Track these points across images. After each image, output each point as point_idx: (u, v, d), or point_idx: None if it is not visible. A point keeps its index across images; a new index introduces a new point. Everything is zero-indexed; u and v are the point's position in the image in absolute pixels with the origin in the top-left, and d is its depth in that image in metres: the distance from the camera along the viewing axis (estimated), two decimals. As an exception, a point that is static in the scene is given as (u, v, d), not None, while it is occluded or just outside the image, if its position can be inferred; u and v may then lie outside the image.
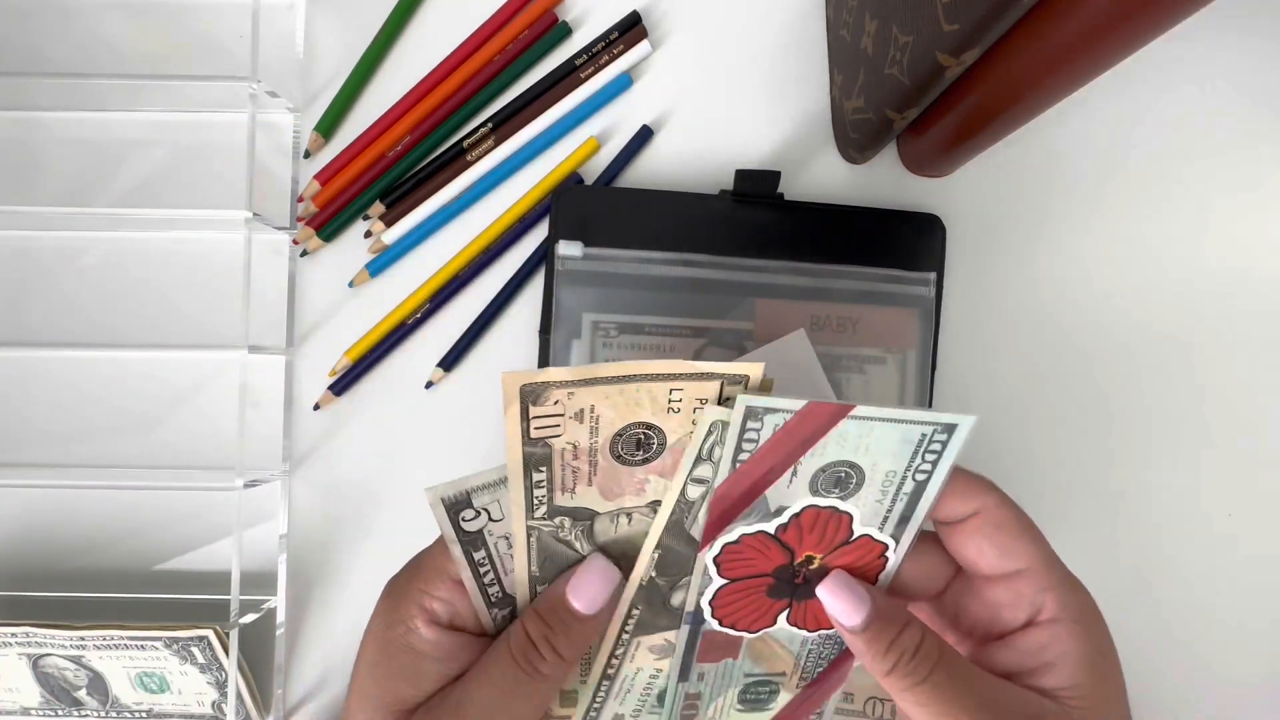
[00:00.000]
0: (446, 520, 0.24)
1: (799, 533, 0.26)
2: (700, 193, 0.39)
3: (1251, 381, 0.40)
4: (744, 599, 0.27)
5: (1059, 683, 0.25)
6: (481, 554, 0.25)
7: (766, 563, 0.26)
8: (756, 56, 0.41)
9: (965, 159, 0.37)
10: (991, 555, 0.26)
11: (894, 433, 0.24)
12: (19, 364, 0.41)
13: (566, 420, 0.23)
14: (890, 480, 0.25)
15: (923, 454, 0.24)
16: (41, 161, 0.41)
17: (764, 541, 0.26)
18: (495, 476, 0.24)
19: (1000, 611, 0.26)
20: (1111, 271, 0.40)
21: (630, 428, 0.24)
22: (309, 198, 0.40)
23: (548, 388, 0.22)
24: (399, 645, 0.25)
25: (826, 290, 0.38)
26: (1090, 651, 0.25)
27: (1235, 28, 0.40)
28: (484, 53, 0.40)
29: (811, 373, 0.37)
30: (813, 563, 0.26)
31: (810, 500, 0.25)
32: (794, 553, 0.26)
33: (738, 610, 0.27)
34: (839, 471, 0.24)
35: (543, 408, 0.22)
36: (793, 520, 0.25)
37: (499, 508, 0.24)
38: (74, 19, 0.41)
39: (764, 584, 0.26)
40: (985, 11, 0.25)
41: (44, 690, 0.38)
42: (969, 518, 0.26)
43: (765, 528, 0.25)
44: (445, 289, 0.40)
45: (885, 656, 0.25)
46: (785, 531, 0.25)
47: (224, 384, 0.40)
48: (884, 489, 0.25)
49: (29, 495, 0.40)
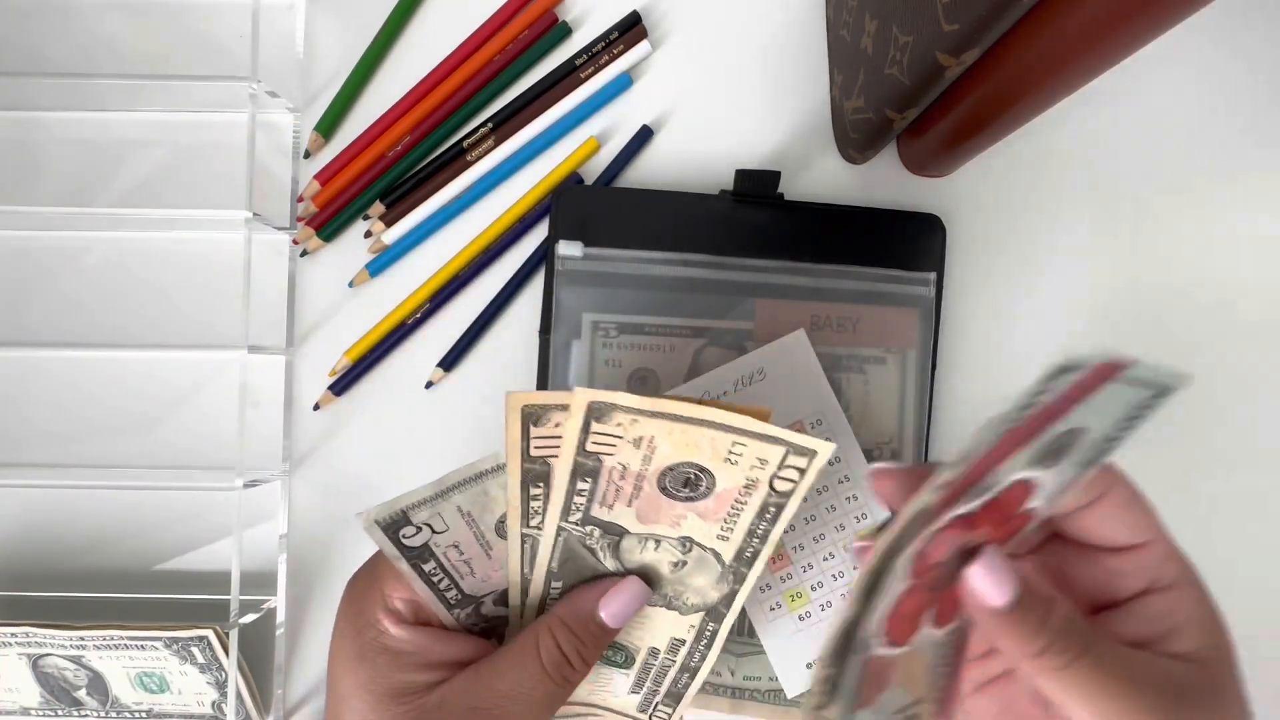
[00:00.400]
0: (386, 540, 0.24)
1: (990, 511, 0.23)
2: (700, 193, 0.39)
3: (1253, 381, 0.40)
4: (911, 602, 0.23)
5: (1190, 646, 0.24)
6: (431, 565, 0.25)
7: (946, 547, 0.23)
8: (756, 56, 0.41)
9: (965, 159, 0.37)
10: (1120, 532, 0.25)
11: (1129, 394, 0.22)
12: (19, 364, 0.41)
13: (624, 443, 0.23)
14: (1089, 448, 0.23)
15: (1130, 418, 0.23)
16: (42, 161, 0.41)
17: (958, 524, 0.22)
18: (430, 492, 0.24)
19: (1118, 579, 0.26)
20: (1111, 271, 0.40)
21: (683, 466, 0.24)
22: (309, 198, 0.40)
23: (614, 409, 0.22)
24: (373, 647, 0.26)
25: (826, 290, 0.38)
26: (1208, 614, 0.25)
27: (1236, 28, 0.40)
28: (484, 53, 0.40)
29: (811, 373, 0.37)
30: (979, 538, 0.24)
31: (1024, 474, 0.23)
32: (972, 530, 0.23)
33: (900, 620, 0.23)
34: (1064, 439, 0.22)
35: (605, 425, 0.22)
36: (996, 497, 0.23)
37: (441, 520, 0.24)
38: (74, 19, 0.41)
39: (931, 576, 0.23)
40: (985, 11, 0.25)
41: (44, 690, 0.38)
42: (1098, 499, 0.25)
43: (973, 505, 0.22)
44: (445, 289, 0.40)
45: (1036, 636, 0.23)
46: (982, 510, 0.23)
47: (224, 384, 0.40)
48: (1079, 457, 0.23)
49: (29, 495, 0.40)
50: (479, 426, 0.40)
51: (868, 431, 0.38)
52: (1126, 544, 0.26)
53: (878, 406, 0.38)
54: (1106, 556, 0.26)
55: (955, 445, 0.40)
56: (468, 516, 0.24)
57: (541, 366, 0.39)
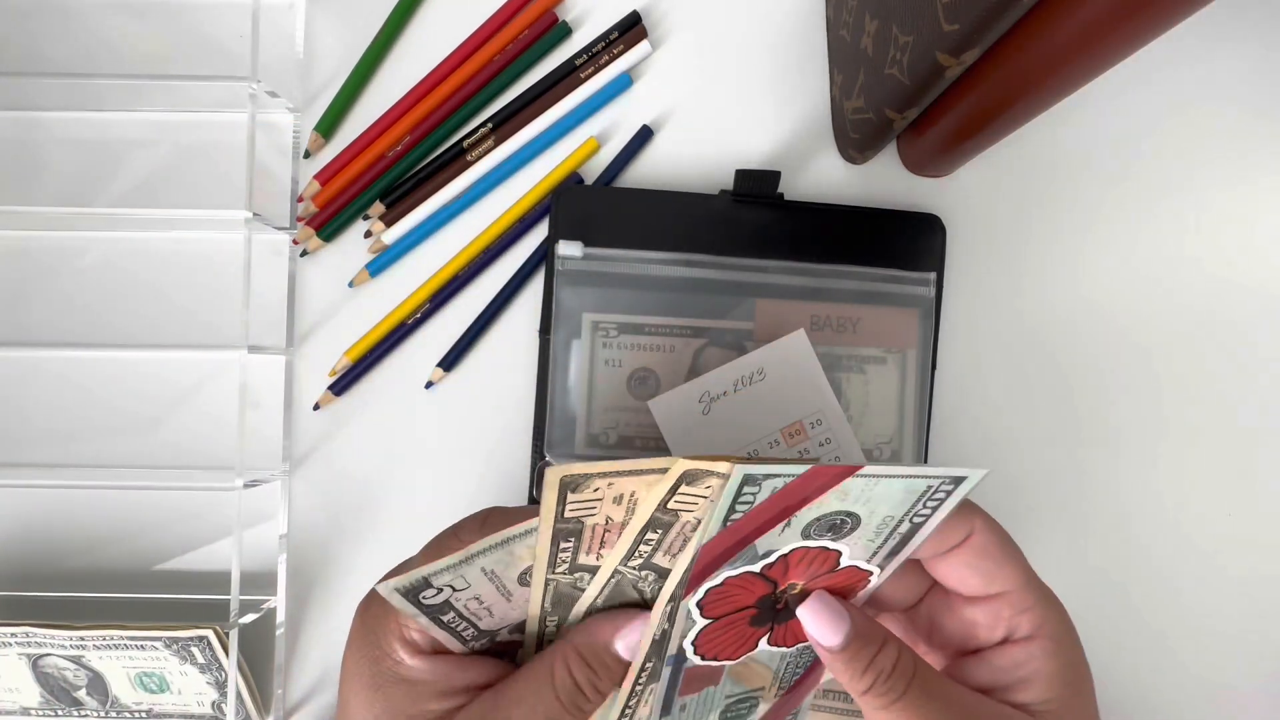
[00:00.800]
0: (406, 604, 0.24)
1: (785, 568, 0.25)
2: (700, 193, 0.39)
3: (1253, 381, 0.40)
4: (726, 632, 0.27)
5: (1034, 698, 0.25)
6: (450, 615, 0.25)
7: (749, 596, 0.26)
8: (756, 56, 0.41)
9: (965, 159, 0.37)
10: (975, 582, 0.26)
11: (899, 485, 0.23)
12: (19, 364, 0.41)
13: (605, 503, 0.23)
14: (887, 524, 0.25)
15: (925, 502, 0.24)
16: (42, 161, 0.41)
17: (748, 579, 0.25)
18: (456, 560, 0.23)
19: (977, 629, 0.27)
20: (1112, 271, 0.40)
21: None
22: (309, 198, 0.40)
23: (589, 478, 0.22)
24: (389, 678, 0.25)
25: (826, 290, 0.38)
26: (1064, 667, 0.26)
27: (1236, 28, 0.40)
28: (484, 53, 0.40)
29: (811, 373, 0.37)
30: (796, 589, 0.26)
31: (800, 544, 0.25)
32: (777, 584, 0.26)
33: (720, 643, 0.27)
34: (835, 519, 0.24)
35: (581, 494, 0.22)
36: (780, 559, 0.25)
37: (463, 580, 0.24)
38: (74, 19, 0.41)
39: (747, 615, 0.26)
40: (985, 11, 0.25)
41: (44, 690, 0.38)
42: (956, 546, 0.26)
43: (751, 569, 0.25)
44: (445, 289, 0.40)
45: (862, 676, 0.25)
46: (771, 569, 0.25)
47: (224, 384, 0.40)
48: (879, 530, 0.25)
49: (29, 495, 0.40)
50: (479, 426, 0.40)
51: (868, 431, 0.38)
52: (981, 594, 0.27)
53: (878, 406, 0.38)
54: (966, 605, 0.27)
55: (955, 446, 0.40)
56: (491, 574, 0.24)
57: (541, 366, 0.39)
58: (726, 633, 0.27)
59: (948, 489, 0.24)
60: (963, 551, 0.26)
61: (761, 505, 0.23)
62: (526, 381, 0.40)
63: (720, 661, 0.27)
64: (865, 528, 0.25)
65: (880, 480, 0.23)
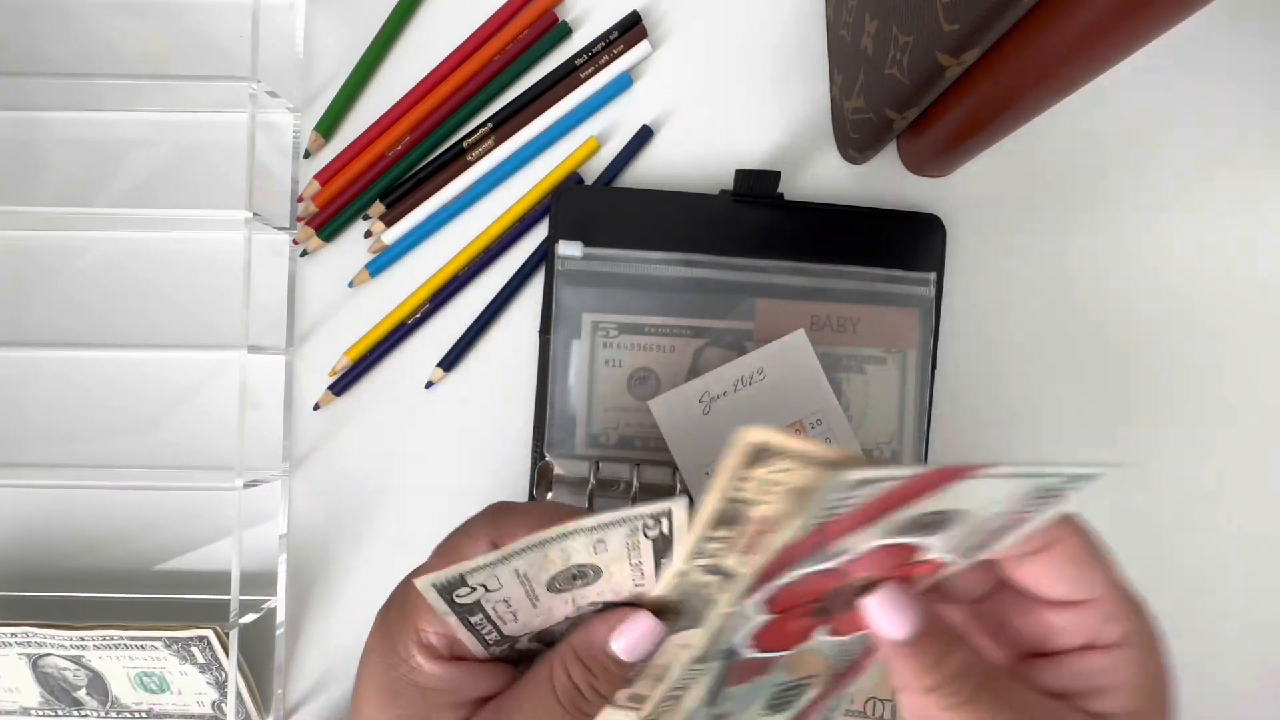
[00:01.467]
0: (440, 600, 0.23)
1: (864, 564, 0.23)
2: (700, 193, 0.39)
3: (1253, 380, 0.40)
4: (786, 625, 0.25)
5: (1115, 708, 0.24)
6: (479, 617, 0.25)
7: (816, 592, 0.24)
8: (756, 56, 0.41)
9: (965, 159, 0.37)
10: (1061, 588, 0.25)
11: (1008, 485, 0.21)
12: (19, 364, 0.41)
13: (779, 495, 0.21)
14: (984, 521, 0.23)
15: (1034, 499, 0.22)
16: (42, 161, 0.41)
17: (818, 578, 0.23)
18: (494, 559, 0.23)
19: (1056, 634, 0.25)
20: (1112, 270, 0.40)
21: None
22: (309, 198, 0.40)
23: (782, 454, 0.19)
24: (405, 684, 0.25)
25: (826, 290, 0.38)
26: (1149, 680, 0.25)
27: (1235, 27, 0.40)
28: (484, 53, 0.40)
29: (811, 373, 0.37)
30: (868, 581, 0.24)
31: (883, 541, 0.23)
32: (848, 575, 0.24)
33: (778, 636, 0.25)
34: (928, 519, 0.22)
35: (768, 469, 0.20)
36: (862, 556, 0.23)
37: (496, 580, 0.24)
38: (74, 19, 0.41)
39: (811, 609, 0.25)
40: (985, 11, 0.25)
41: (44, 690, 0.38)
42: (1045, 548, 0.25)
43: (825, 566, 0.23)
44: (445, 289, 0.40)
45: (929, 673, 0.24)
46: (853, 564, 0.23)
47: (224, 384, 0.40)
48: (974, 528, 0.23)
49: (29, 495, 0.40)
50: (479, 426, 0.40)
51: (868, 431, 0.38)
52: (1065, 599, 0.25)
53: (878, 406, 0.38)
54: (1045, 609, 0.26)
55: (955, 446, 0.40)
56: (523, 577, 0.24)
57: (541, 366, 0.39)
58: (786, 625, 0.25)
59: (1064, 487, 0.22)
60: (1050, 556, 0.25)
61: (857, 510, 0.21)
62: (526, 381, 0.40)
63: (775, 654, 0.26)
64: (960, 525, 0.23)
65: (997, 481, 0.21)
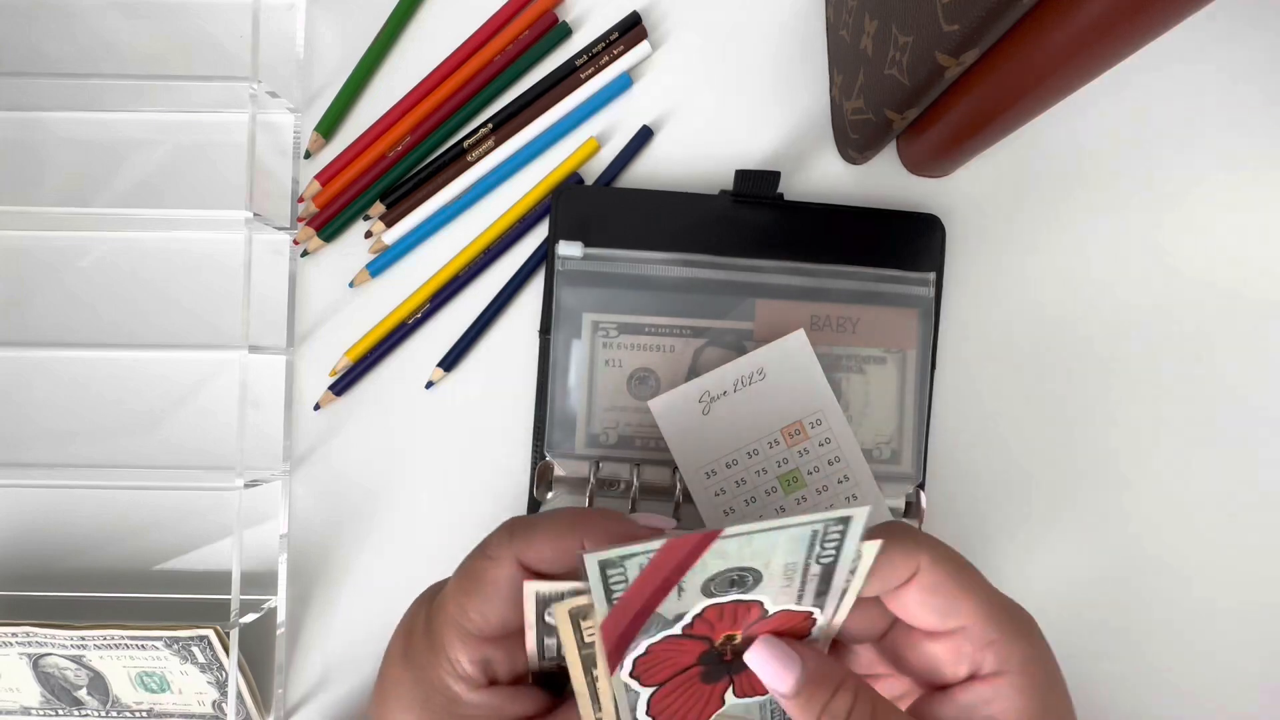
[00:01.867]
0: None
1: (709, 624, 0.24)
2: (700, 193, 0.39)
3: (1252, 380, 0.40)
4: (681, 694, 0.25)
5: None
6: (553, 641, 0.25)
7: (687, 656, 0.25)
8: (756, 56, 0.41)
9: (965, 159, 0.37)
10: (929, 618, 0.25)
11: (778, 537, 0.22)
12: (19, 363, 0.41)
13: None
14: (793, 569, 0.23)
15: (820, 545, 0.23)
16: (42, 161, 0.41)
17: (674, 643, 0.24)
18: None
19: (940, 665, 0.26)
20: (1111, 271, 0.40)
21: None
22: (309, 198, 0.40)
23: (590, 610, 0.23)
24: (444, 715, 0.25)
25: (826, 290, 0.38)
26: (1033, 706, 0.25)
27: (1235, 27, 0.40)
28: (484, 53, 0.40)
29: (811, 372, 0.37)
30: (735, 639, 0.25)
31: (708, 602, 0.24)
32: (712, 640, 0.25)
33: (679, 707, 0.26)
34: (730, 575, 0.23)
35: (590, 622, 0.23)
36: (696, 619, 0.24)
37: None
38: (74, 19, 0.41)
39: (695, 673, 0.25)
40: (985, 12, 0.25)
41: (44, 690, 0.38)
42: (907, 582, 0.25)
43: (672, 632, 0.24)
44: (445, 289, 0.40)
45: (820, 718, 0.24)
46: (693, 628, 0.24)
47: (224, 384, 0.40)
48: (788, 577, 0.24)
49: (29, 495, 0.40)
50: (479, 426, 0.40)
51: (867, 431, 0.38)
52: (938, 629, 0.25)
53: (877, 406, 0.38)
54: (925, 640, 0.26)
55: (954, 446, 0.40)
56: None
57: (541, 366, 0.39)
58: (682, 695, 0.26)
59: (838, 530, 0.22)
60: (911, 589, 0.25)
61: (638, 581, 0.22)
62: (526, 381, 0.40)
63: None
64: (771, 578, 0.23)
65: (754, 536, 0.22)
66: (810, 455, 0.36)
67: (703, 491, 0.36)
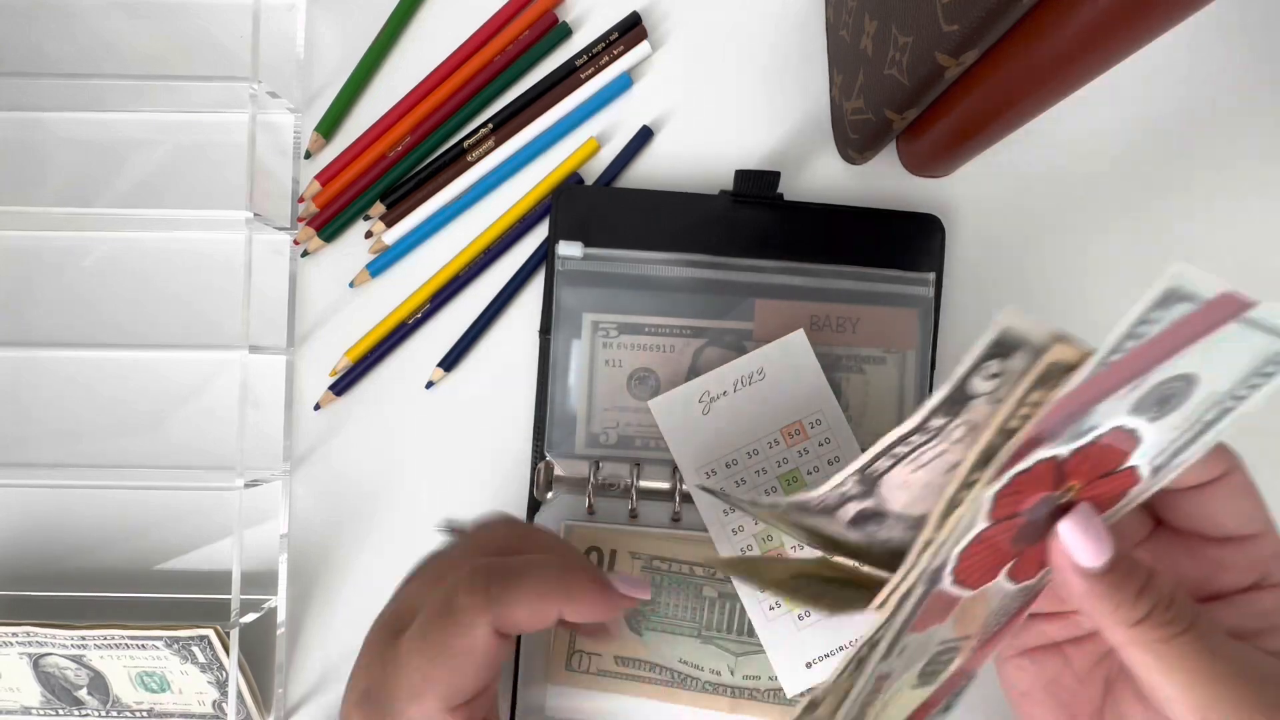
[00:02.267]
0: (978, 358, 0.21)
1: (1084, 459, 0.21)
2: (700, 193, 0.39)
3: (1251, 381, 0.40)
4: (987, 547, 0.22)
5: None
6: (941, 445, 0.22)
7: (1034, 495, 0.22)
8: (756, 57, 0.41)
9: (965, 159, 0.37)
10: (1231, 522, 0.24)
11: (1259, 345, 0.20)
12: (20, 363, 0.41)
13: None
14: (1204, 404, 0.21)
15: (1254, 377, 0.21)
16: (43, 162, 0.41)
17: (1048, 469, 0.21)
18: None
19: (1224, 573, 0.25)
20: (1112, 270, 0.40)
21: None
22: (309, 198, 0.40)
23: None
24: None
25: (826, 290, 0.38)
26: None
27: (1237, 26, 0.40)
28: (484, 53, 0.40)
29: (811, 373, 0.37)
30: (1070, 493, 0.22)
31: (1123, 420, 0.21)
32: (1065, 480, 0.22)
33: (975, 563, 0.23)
34: (1171, 388, 0.20)
35: None
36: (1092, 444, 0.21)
37: None
38: (74, 19, 0.41)
39: (1015, 526, 0.22)
40: (985, 12, 0.25)
41: (45, 690, 0.38)
42: (1215, 480, 0.24)
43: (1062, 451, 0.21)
44: (445, 289, 0.40)
45: (1136, 603, 0.21)
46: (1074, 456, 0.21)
47: (225, 384, 0.40)
48: (1192, 414, 0.22)
49: (30, 495, 0.40)
50: (479, 426, 0.40)
51: (867, 432, 0.38)
52: (1237, 534, 0.24)
53: (877, 406, 0.38)
54: (1213, 547, 0.25)
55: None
56: None
57: (541, 366, 0.39)
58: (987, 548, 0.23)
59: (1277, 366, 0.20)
60: (1221, 487, 0.24)
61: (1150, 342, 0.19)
62: (526, 381, 0.40)
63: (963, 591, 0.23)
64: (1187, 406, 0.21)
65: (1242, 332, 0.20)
66: (810, 455, 0.36)
67: (703, 491, 0.36)
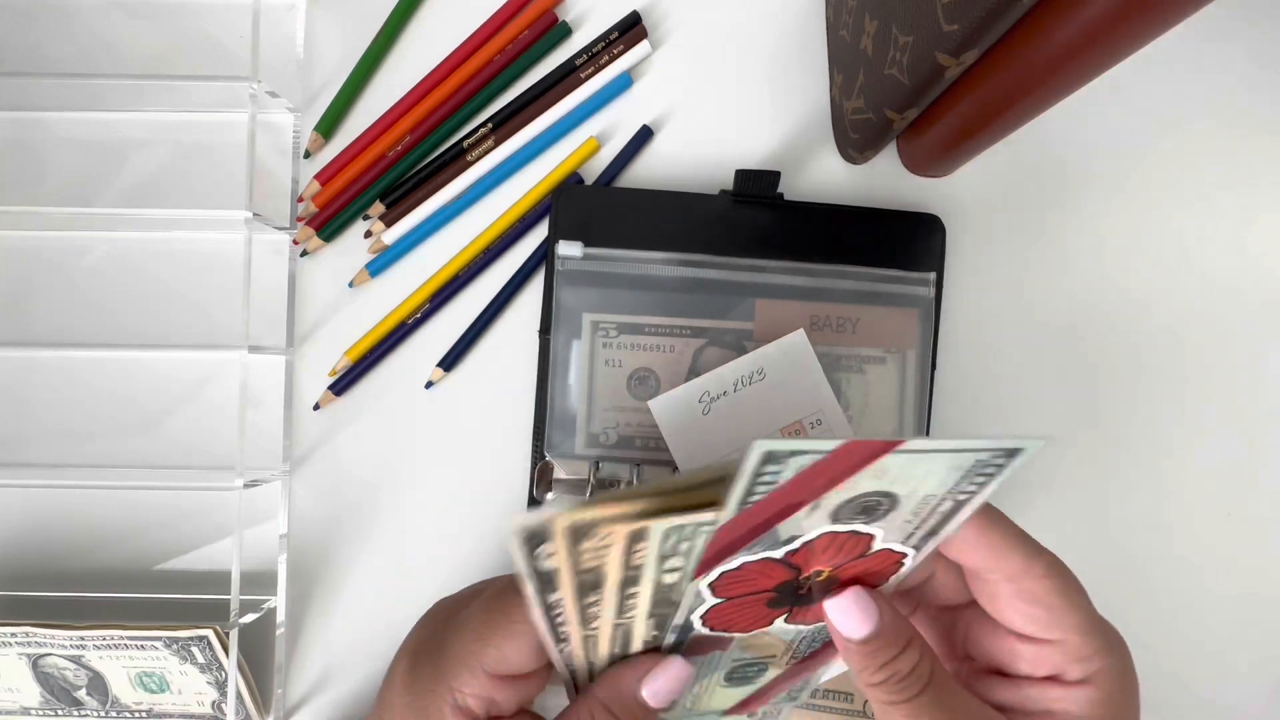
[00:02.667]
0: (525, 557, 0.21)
1: (810, 554, 0.23)
2: (700, 193, 0.39)
3: (1252, 380, 0.40)
4: (740, 611, 0.25)
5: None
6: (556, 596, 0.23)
7: (768, 581, 0.24)
8: (756, 56, 0.41)
9: (965, 159, 0.37)
10: (1030, 627, 0.25)
11: (944, 461, 0.21)
12: (20, 363, 0.41)
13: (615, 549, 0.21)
14: (927, 503, 0.22)
15: (973, 477, 0.22)
16: (43, 162, 0.41)
17: (768, 566, 0.23)
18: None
19: (1019, 663, 0.26)
20: (1111, 270, 0.40)
21: None
22: (309, 198, 0.40)
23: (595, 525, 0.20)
24: None
25: (826, 290, 0.38)
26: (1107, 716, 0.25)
27: (1237, 27, 0.40)
28: (484, 53, 0.40)
29: (811, 372, 0.37)
30: (822, 575, 0.25)
31: (829, 528, 0.23)
32: (801, 570, 0.24)
33: (732, 619, 0.25)
34: (869, 501, 0.22)
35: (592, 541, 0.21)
36: (804, 545, 0.23)
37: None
38: (74, 19, 0.41)
39: (765, 598, 0.25)
40: (985, 12, 0.25)
41: (44, 690, 0.38)
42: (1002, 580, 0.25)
43: (772, 555, 0.23)
44: (445, 289, 0.40)
45: (877, 671, 0.24)
46: (795, 555, 0.23)
47: (224, 384, 0.40)
48: (917, 511, 0.23)
49: (29, 495, 0.40)
50: (479, 426, 0.40)
51: (867, 431, 0.38)
52: (1032, 637, 0.25)
53: (878, 406, 0.38)
54: (1012, 639, 0.26)
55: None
56: None
57: (541, 366, 0.39)
58: (740, 611, 0.25)
59: (1000, 463, 0.21)
60: (1017, 592, 0.25)
61: (785, 487, 0.20)
62: (526, 381, 0.40)
63: (730, 634, 0.26)
64: (903, 509, 0.22)
65: (924, 456, 0.20)
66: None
67: None
